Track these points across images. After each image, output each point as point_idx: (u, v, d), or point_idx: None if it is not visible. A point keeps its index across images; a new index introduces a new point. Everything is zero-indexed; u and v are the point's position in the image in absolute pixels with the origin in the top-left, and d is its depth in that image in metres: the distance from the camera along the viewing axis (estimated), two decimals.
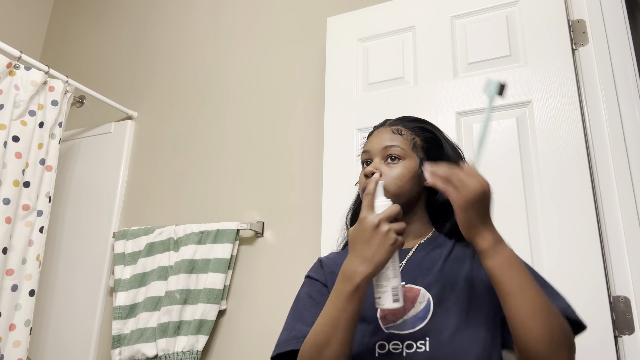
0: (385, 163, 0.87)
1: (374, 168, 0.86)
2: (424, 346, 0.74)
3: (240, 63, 1.89)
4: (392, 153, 0.87)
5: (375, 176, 0.78)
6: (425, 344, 0.74)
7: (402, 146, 0.87)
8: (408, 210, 0.87)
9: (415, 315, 0.78)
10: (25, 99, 1.60)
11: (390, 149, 0.87)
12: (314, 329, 0.74)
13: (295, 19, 1.82)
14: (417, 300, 0.80)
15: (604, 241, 1.11)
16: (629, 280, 1.07)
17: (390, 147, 0.87)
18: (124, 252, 1.74)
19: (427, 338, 0.75)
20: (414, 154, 0.88)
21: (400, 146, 0.87)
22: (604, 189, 1.15)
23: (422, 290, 0.81)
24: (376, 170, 0.85)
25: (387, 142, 0.88)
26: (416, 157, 0.88)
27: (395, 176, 0.85)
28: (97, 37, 2.35)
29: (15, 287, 1.52)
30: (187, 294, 1.54)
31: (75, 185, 2.02)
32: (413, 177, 0.86)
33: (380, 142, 0.89)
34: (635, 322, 1.04)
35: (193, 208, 1.79)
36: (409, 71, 1.44)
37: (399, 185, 0.85)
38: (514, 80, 1.27)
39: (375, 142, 0.90)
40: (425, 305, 0.79)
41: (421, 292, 0.81)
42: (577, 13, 1.29)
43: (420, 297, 0.80)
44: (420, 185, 0.88)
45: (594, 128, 1.19)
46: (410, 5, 1.49)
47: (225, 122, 1.83)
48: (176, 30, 2.11)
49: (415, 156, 0.88)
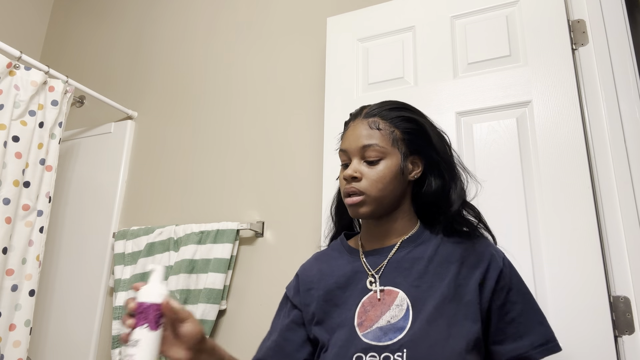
0: (365, 162, 0.83)
1: (354, 171, 0.81)
2: (401, 358, 0.72)
3: (240, 63, 1.89)
4: (371, 152, 0.82)
5: (129, 303, 0.69)
6: (402, 356, 0.72)
7: (380, 144, 0.82)
8: (392, 209, 0.85)
9: (393, 322, 0.76)
10: (25, 99, 1.60)
11: (368, 149, 0.82)
12: None
13: (295, 19, 1.82)
14: (395, 303, 0.78)
15: (604, 241, 1.11)
16: (629, 280, 1.07)
17: (368, 146, 0.82)
18: (124, 252, 1.74)
19: (404, 350, 0.72)
20: (395, 149, 0.83)
21: (379, 144, 0.82)
22: (604, 189, 1.15)
23: (401, 293, 0.78)
24: (356, 174, 0.81)
25: (364, 140, 0.82)
26: (397, 152, 0.83)
27: (375, 179, 0.81)
28: (97, 37, 2.35)
29: (15, 287, 1.52)
30: (187, 294, 1.54)
31: (75, 185, 2.02)
32: (396, 176, 0.82)
33: (357, 140, 0.83)
34: (635, 322, 1.04)
35: (193, 208, 1.79)
36: (409, 71, 1.44)
37: (381, 188, 0.81)
38: (514, 80, 1.28)
39: (352, 139, 0.84)
40: (405, 312, 0.76)
41: (399, 296, 0.78)
42: (577, 13, 1.29)
43: (398, 300, 0.78)
44: (405, 181, 0.84)
45: (594, 128, 1.19)
46: (410, 5, 1.49)
47: (225, 123, 1.83)
48: (176, 30, 2.11)
49: (397, 151, 0.83)
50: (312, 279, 0.90)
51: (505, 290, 0.79)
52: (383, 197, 0.82)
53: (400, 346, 0.73)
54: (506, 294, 0.79)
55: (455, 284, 0.77)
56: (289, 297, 0.92)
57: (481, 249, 0.82)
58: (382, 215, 0.85)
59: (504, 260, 0.82)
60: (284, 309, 0.93)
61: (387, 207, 0.84)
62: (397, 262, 0.83)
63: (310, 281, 0.90)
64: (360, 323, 0.78)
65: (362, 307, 0.80)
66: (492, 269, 0.79)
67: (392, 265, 0.82)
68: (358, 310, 0.80)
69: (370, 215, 0.83)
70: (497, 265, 0.80)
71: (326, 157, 1.47)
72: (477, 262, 0.80)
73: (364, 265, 0.85)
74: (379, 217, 0.85)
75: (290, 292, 0.93)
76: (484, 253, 0.81)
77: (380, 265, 0.84)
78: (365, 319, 0.79)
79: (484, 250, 0.82)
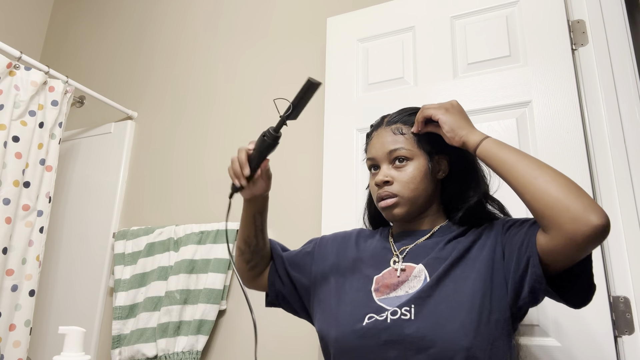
0: (394, 167, 0.85)
1: (385, 176, 0.85)
2: (409, 313, 0.75)
3: (240, 63, 1.88)
4: (399, 155, 0.85)
5: None
6: (410, 311, 0.75)
7: (406, 147, 0.85)
8: (424, 209, 0.87)
9: (411, 292, 0.78)
10: (25, 99, 1.60)
11: (395, 153, 0.85)
12: None
13: (295, 19, 1.82)
14: (413, 274, 0.81)
15: (604, 241, 1.11)
16: (629, 281, 1.07)
17: (395, 150, 0.85)
18: (124, 252, 1.74)
19: (412, 305, 0.75)
20: (420, 150, 0.86)
21: (405, 147, 0.85)
22: (604, 189, 1.15)
23: (420, 266, 0.81)
24: (387, 178, 0.84)
25: (390, 145, 0.86)
26: (424, 153, 0.86)
27: (407, 180, 0.84)
28: (97, 37, 2.35)
29: (15, 287, 1.52)
30: (187, 294, 1.54)
31: (75, 185, 2.02)
32: (425, 176, 0.85)
33: (384, 147, 0.86)
34: (635, 322, 1.04)
35: (193, 208, 1.79)
36: (409, 71, 1.44)
37: (413, 189, 0.84)
38: (513, 80, 1.28)
39: (378, 146, 0.88)
40: (422, 282, 0.79)
41: (417, 268, 0.81)
42: (577, 13, 1.29)
43: (416, 271, 0.81)
44: (434, 181, 0.87)
45: (594, 128, 1.19)
46: (410, 6, 1.49)
47: (225, 122, 1.83)
48: (176, 30, 2.11)
49: (423, 152, 0.86)
50: (343, 244, 0.96)
51: (507, 226, 0.80)
52: (416, 197, 0.84)
53: (408, 301, 0.76)
54: (508, 228, 0.80)
55: (468, 252, 0.80)
56: (316, 244, 0.99)
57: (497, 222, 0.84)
58: (415, 217, 0.87)
59: (505, 217, 0.86)
60: (306, 247, 1.00)
61: (421, 207, 0.86)
62: (423, 245, 0.85)
63: (339, 245, 0.96)
64: (377, 289, 0.81)
65: (381, 276, 0.83)
66: (497, 225, 0.82)
67: (418, 248, 0.85)
68: (376, 278, 0.83)
69: (405, 216, 0.85)
70: (499, 222, 0.83)
71: (326, 157, 1.47)
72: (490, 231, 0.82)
73: (392, 245, 0.89)
74: (411, 219, 0.87)
75: (318, 242, 0.99)
76: (497, 223, 0.83)
77: (405, 247, 0.87)
78: (382, 285, 0.82)
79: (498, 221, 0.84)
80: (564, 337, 1.07)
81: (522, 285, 0.74)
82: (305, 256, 0.97)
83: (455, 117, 0.81)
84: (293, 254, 0.99)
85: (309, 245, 1.01)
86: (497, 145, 0.76)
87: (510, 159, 0.74)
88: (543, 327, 1.09)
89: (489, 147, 0.76)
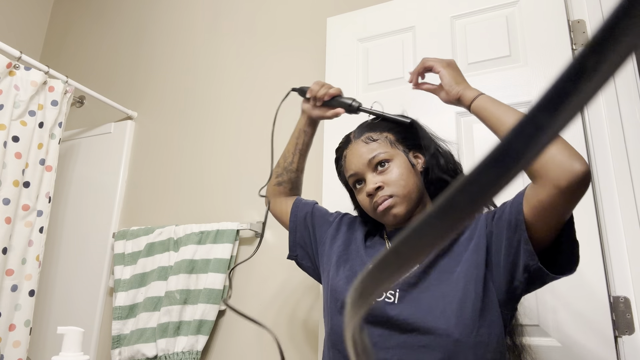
0: (378, 173, 0.86)
1: (374, 183, 0.85)
2: (393, 297, 0.78)
3: (240, 63, 1.88)
4: (380, 160, 0.86)
5: None
6: (395, 294, 0.79)
7: (383, 150, 0.87)
8: (419, 202, 0.88)
9: None
10: (25, 99, 1.60)
11: (375, 159, 0.86)
12: None
13: (295, 19, 1.82)
14: None
15: (604, 241, 1.11)
16: (629, 281, 1.07)
17: (374, 157, 0.86)
18: (123, 252, 1.74)
19: (397, 290, 0.79)
20: (396, 149, 0.88)
21: (382, 151, 0.86)
22: (604, 189, 1.15)
23: None
24: (378, 184, 0.84)
25: (367, 154, 0.87)
26: (399, 151, 0.88)
27: (396, 179, 0.84)
28: (97, 37, 2.35)
29: (15, 287, 1.52)
30: (187, 294, 1.54)
31: (75, 185, 2.02)
32: (410, 170, 0.86)
33: (362, 158, 0.87)
34: (635, 322, 1.04)
35: (193, 208, 1.79)
36: (409, 71, 1.43)
37: (404, 185, 0.84)
38: (514, 80, 1.27)
39: (356, 160, 0.88)
40: None
41: None
42: (577, 13, 1.29)
43: None
44: (418, 174, 0.88)
45: (594, 128, 1.19)
46: (410, 5, 1.49)
47: (225, 122, 1.83)
48: (176, 31, 2.11)
49: (399, 151, 0.88)
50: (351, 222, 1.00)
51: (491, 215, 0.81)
52: (410, 192, 0.85)
53: (394, 287, 0.79)
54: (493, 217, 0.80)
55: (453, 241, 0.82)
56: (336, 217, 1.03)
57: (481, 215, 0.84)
58: (413, 215, 0.87)
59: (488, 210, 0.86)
60: (331, 216, 1.04)
61: (416, 201, 0.87)
62: None
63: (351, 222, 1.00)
64: None
65: None
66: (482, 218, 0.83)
67: None
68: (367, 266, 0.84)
69: (405, 215, 0.85)
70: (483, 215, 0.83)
71: (326, 157, 1.47)
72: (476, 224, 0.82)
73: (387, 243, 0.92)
74: (409, 218, 0.87)
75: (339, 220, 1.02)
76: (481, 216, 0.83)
77: None
78: None
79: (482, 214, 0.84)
80: (564, 337, 1.07)
81: (517, 264, 0.75)
82: (325, 221, 1.02)
83: (454, 73, 0.87)
84: (320, 209, 1.06)
85: (333, 215, 1.05)
86: (491, 101, 0.80)
87: (503, 113, 0.78)
88: (543, 327, 1.09)
89: (483, 101, 0.80)
